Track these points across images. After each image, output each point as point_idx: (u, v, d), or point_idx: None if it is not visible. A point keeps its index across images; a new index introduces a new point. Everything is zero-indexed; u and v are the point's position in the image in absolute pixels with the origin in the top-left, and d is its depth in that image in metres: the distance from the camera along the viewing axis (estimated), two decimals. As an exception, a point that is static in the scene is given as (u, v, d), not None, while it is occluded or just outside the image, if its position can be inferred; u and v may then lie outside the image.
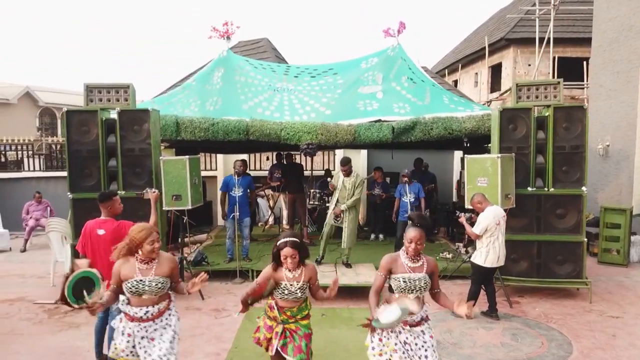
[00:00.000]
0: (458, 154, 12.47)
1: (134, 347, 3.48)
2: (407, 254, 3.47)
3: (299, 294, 3.53)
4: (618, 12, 9.70)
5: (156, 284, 3.44)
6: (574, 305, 6.57)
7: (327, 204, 10.14)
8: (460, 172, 10.45)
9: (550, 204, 6.72)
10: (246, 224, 8.00)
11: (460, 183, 10.76)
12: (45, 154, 12.61)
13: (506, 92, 18.82)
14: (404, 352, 3.40)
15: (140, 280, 3.42)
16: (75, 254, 6.51)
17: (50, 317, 6.22)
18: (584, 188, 6.63)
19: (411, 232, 3.43)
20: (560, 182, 6.69)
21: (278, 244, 3.51)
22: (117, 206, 4.64)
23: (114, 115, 6.74)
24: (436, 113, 7.97)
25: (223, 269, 7.76)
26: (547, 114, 6.69)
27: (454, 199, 11.62)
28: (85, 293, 3.45)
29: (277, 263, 3.53)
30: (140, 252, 3.45)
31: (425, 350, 3.42)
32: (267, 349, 3.60)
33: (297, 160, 10.46)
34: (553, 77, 18.16)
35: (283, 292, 3.51)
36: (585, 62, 17.04)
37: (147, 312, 3.47)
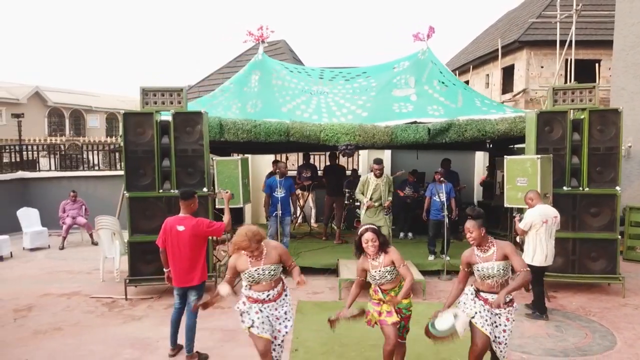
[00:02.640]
0: (479, 155, 12.78)
1: (262, 323, 3.91)
2: (475, 245, 4.02)
3: (389, 277, 4.07)
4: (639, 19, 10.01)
5: (269, 272, 3.92)
6: (608, 299, 6.87)
7: (357, 203, 10.52)
8: (493, 172, 10.72)
9: (585, 203, 7.01)
10: (287, 222, 8.31)
11: (485, 182, 11.03)
12: (77, 154, 12.89)
13: (519, 93, 19.15)
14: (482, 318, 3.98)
15: (255, 270, 3.89)
16: (132, 250, 6.85)
17: (111, 310, 6.51)
18: (617, 188, 6.93)
19: (466, 224, 4.01)
20: (595, 182, 6.98)
21: (359, 231, 4.07)
22: (196, 204, 4.93)
23: (165, 117, 7.04)
24: (469, 115, 8.26)
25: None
26: (582, 116, 6.98)
27: (479, 198, 11.91)
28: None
29: (361, 252, 4.07)
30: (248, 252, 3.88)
31: (504, 327, 4.06)
32: (377, 323, 4.18)
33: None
34: (567, 79, 18.54)
35: (374, 278, 4.05)
36: (597, 64, 17.39)
37: (268, 295, 3.97)
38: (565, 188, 7.02)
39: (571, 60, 16.58)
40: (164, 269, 5.01)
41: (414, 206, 10.11)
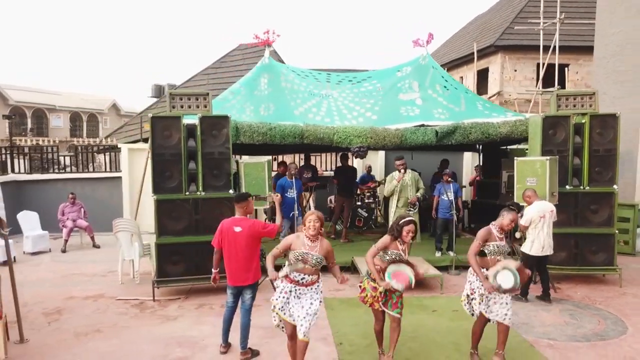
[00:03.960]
0: (467, 155, 13.36)
1: (284, 305, 4.41)
2: (500, 229, 4.86)
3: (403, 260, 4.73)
4: (621, 28, 10.74)
5: (316, 259, 4.40)
6: (608, 289, 7.46)
7: (358, 203, 10.86)
8: (486, 172, 11.29)
9: (586, 201, 7.58)
10: (300, 222, 8.54)
11: (478, 182, 11.56)
12: (73, 155, 12.68)
13: (493, 96, 19.97)
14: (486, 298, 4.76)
15: (306, 252, 4.38)
16: (160, 251, 6.94)
17: (142, 311, 6.60)
18: (615, 186, 7.52)
19: (512, 215, 4.86)
20: (595, 181, 7.56)
21: (401, 222, 4.66)
22: (251, 206, 5.13)
23: (188, 120, 7.15)
24: (473, 119, 8.72)
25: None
26: (583, 120, 7.54)
27: (467, 197, 12.47)
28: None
29: (397, 237, 4.67)
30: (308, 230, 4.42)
31: (505, 300, 4.75)
32: (370, 305, 4.76)
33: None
34: (537, 82, 19.47)
35: (392, 257, 4.66)
36: (566, 68, 18.37)
37: (303, 278, 4.42)
38: (567, 187, 7.56)
39: (540, 64, 17.44)
40: (213, 270, 5.19)
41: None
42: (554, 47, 14.79)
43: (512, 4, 23.46)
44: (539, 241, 6.53)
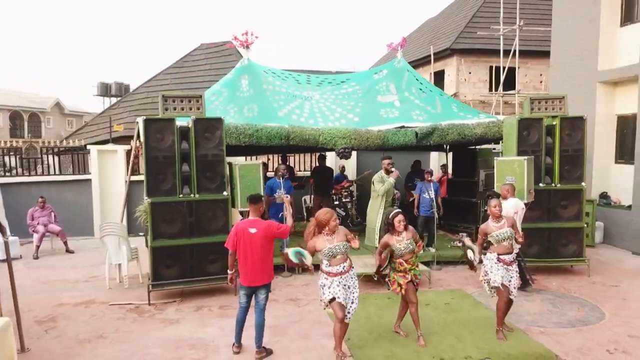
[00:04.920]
0: (434, 155, 13.89)
1: (343, 293, 4.91)
2: (493, 218, 5.60)
3: (411, 247, 5.41)
4: (575, 35, 11.54)
5: (342, 246, 4.95)
6: (579, 279, 8.06)
7: (336, 202, 11.07)
8: (459, 170, 11.79)
9: (557, 197, 8.15)
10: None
11: (450, 180, 12.05)
12: (35, 157, 12.15)
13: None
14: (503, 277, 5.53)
15: (332, 247, 4.88)
16: (155, 254, 6.89)
17: (141, 315, 6.54)
18: (583, 183, 8.14)
19: (494, 201, 5.68)
20: (565, 179, 8.14)
21: (390, 216, 5.43)
22: (263, 207, 5.24)
23: (181, 122, 7.12)
24: (449, 120, 9.15)
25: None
26: (554, 123, 8.10)
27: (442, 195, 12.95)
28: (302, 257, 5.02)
29: (388, 230, 5.41)
30: (327, 228, 4.93)
31: (515, 277, 5.59)
32: (404, 292, 5.45)
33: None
34: (491, 84, 20.46)
35: (400, 250, 5.35)
36: (505, 70, 19.35)
37: (343, 266, 4.96)
38: (541, 184, 8.09)
39: (492, 67, 18.32)
40: (228, 271, 5.27)
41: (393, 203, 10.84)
42: (514, 51, 15.58)
43: (463, 9, 24.44)
44: None
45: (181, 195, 7.01)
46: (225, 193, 7.17)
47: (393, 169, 8.16)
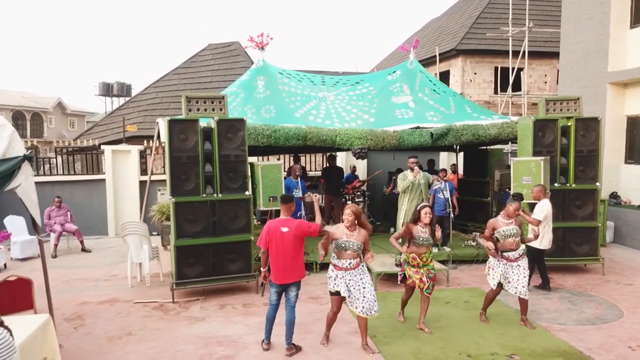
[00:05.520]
0: (443, 155, 13.99)
1: (349, 291, 5.14)
2: (506, 216, 5.97)
3: (430, 241, 5.77)
4: (584, 37, 11.67)
5: (357, 245, 5.17)
6: (593, 278, 8.17)
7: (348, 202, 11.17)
8: (469, 170, 11.89)
9: (572, 197, 8.26)
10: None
11: (460, 180, 12.17)
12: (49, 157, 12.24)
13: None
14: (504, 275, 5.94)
15: (346, 241, 5.15)
16: (179, 253, 6.98)
17: (166, 313, 6.63)
18: (597, 183, 8.25)
19: (516, 204, 5.93)
20: (579, 179, 8.25)
21: (418, 207, 5.83)
22: (294, 207, 5.35)
23: (203, 123, 7.22)
24: (464, 121, 9.25)
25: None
26: (569, 123, 8.21)
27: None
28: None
29: (415, 221, 5.77)
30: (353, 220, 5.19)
31: (522, 274, 5.88)
32: (415, 286, 5.83)
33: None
34: (496, 85, 20.59)
35: (421, 238, 5.70)
36: (521, 72, 19.49)
37: (350, 263, 5.18)
38: (555, 184, 8.20)
39: (497, 68, 18.43)
40: (262, 269, 5.37)
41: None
42: (522, 52, 15.69)
43: (467, 10, 24.56)
44: (548, 235, 7.11)
45: (204, 195, 7.11)
46: (247, 193, 7.27)
47: (415, 167, 8.26)
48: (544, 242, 7.20)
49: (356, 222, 5.21)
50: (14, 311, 5.21)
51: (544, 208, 7.12)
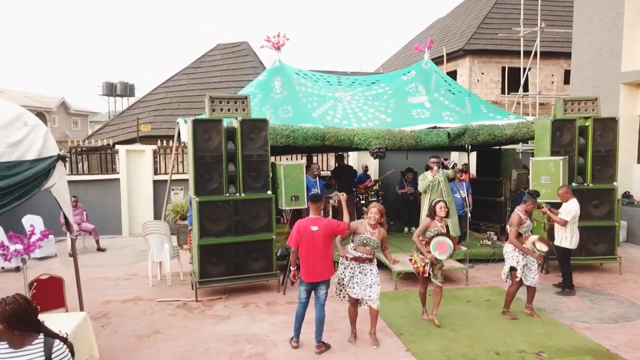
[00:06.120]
0: (454, 155, 14.04)
1: (351, 277, 5.37)
2: (525, 212, 6.26)
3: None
4: (597, 37, 11.72)
5: (375, 242, 5.37)
6: (610, 276, 8.23)
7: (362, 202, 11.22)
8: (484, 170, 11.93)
9: (589, 197, 8.31)
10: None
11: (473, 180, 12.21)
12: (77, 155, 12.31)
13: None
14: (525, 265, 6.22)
15: (368, 237, 5.34)
16: (202, 252, 7.04)
17: (191, 312, 6.68)
18: (615, 183, 8.30)
19: (533, 200, 6.30)
20: (597, 179, 8.30)
21: (433, 203, 6.07)
22: (323, 205, 5.39)
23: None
24: (480, 121, 9.30)
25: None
26: (586, 124, 8.26)
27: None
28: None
29: (433, 216, 6.01)
30: (379, 218, 5.39)
31: (535, 264, 6.27)
32: (420, 273, 6.03)
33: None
34: (503, 85, 20.63)
35: (433, 233, 5.91)
36: (529, 72, 19.53)
37: (363, 255, 5.34)
38: (573, 184, 8.25)
39: (505, 67, 18.46)
40: (291, 268, 5.42)
41: (414, 202, 11.01)
42: (533, 52, 15.73)
43: (474, 10, 24.61)
44: (577, 234, 7.15)
45: (227, 195, 7.16)
46: (269, 192, 7.32)
47: (434, 167, 8.29)
48: (573, 241, 7.24)
49: (382, 217, 5.41)
50: (47, 309, 5.25)
51: (572, 208, 7.15)
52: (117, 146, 12.27)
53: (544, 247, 6.19)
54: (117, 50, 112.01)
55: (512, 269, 6.24)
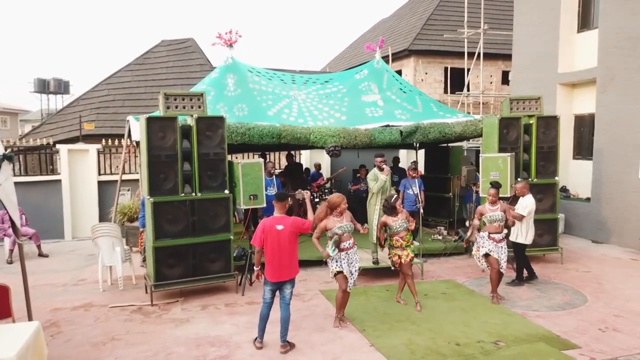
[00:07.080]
0: (403, 152, 14.35)
1: (347, 266, 5.83)
2: (489, 202, 6.78)
3: (405, 225, 6.50)
4: (537, 40, 12.32)
5: (349, 226, 5.89)
6: (553, 266, 8.69)
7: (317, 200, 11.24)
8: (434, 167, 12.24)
9: (534, 191, 8.65)
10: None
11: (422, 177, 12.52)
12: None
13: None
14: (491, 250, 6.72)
15: (342, 225, 5.78)
16: (158, 255, 6.82)
17: (147, 316, 6.46)
18: (557, 178, 8.77)
19: (493, 190, 6.80)
20: (540, 174, 8.75)
21: (391, 200, 6.51)
22: (288, 204, 5.35)
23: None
24: (431, 119, 9.56)
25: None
26: (531, 122, 8.68)
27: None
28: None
29: (390, 212, 6.49)
30: (337, 210, 5.82)
31: (504, 253, 6.76)
32: (398, 264, 6.55)
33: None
34: (446, 84, 21.29)
35: (396, 228, 6.45)
36: (469, 72, 20.26)
37: (349, 243, 5.89)
38: (519, 179, 8.62)
39: (447, 68, 19.08)
40: (255, 268, 5.35)
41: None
42: (478, 53, 16.28)
43: (417, 11, 25.24)
44: (532, 230, 7.47)
45: (183, 194, 6.97)
46: (226, 191, 7.19)
47: (384, 166, 8.32)
48: (528, 237, 7.55)
49: (338, 208, 5.86)
50: (-8, 319, 4.91)
51: (527, 204, 7.44)
52: (57, 145, 11.63)
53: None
54: (49, 45, 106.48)
55: (487, 255, 6.74)
